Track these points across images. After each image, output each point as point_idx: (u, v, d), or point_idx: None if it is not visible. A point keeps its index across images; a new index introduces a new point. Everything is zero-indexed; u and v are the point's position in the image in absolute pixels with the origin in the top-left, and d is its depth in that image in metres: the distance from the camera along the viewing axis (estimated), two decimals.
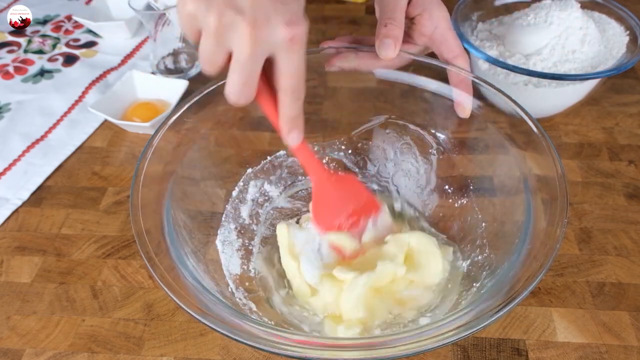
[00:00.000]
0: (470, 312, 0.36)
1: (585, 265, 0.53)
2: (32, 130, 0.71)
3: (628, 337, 0.47)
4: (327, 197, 0.48)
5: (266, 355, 0.47)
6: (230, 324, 0.35)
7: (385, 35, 0.48)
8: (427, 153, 0.55)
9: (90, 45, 0.86)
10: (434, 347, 0.33)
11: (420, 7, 0.50)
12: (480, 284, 0.43)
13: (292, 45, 0.35)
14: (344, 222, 0.49)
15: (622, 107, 0.71)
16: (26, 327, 0.49)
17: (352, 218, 0.49)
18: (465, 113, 0.49)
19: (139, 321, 0.49)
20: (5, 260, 0.55)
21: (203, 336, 0.48)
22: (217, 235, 0.50)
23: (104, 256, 0.55)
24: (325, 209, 0.49)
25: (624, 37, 0.66)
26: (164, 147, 0.45)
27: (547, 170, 0.42)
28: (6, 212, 0.60)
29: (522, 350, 0.46)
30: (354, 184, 0.50)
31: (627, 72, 0.63)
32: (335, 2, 0.94)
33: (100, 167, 0.65)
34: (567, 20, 0.63)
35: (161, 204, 0.43)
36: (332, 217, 0.49)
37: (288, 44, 0.35)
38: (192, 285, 0.37)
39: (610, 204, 0.59)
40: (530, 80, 0.62)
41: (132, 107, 0.71)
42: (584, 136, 0.67)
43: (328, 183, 0.48)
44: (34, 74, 0.80)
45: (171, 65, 0.78)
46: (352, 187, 0.50)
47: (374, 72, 0.52)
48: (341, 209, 0.49)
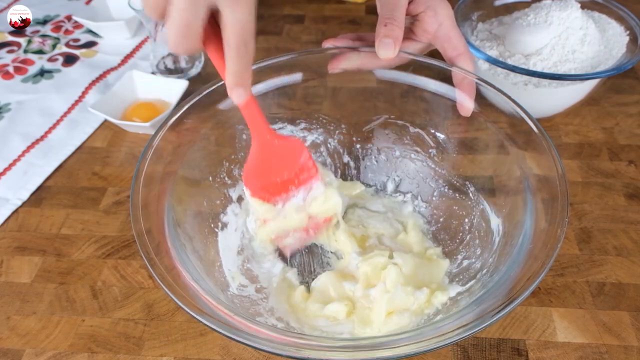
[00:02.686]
0: (471, 312, 0.36)
1: (585, 265, 0.53)
2: (32, 130, 0.71)
3: (628, 337, 0.47)
4: (264, 160, 0.47)
5: (266, 355, 0.47)
6: (230, 324, 0.35)
7: (385, 35, 0.47)
8: (427, 153, 0.55)
9: (90, 45, 0.86)
10: (434, 348, 0.33)
11: (424, 5, 0.50)
12: (479, 283, 0.43)
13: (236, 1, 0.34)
14: (274, 187, 0.48)
15: (622, 107, 0.71)
16: (26, 327, 0.49)
17: (284, 184, 0.48)
18: (467, 112, 0.49)
19: (139, 321, 0.49)
20: (5, 260, 0.55)
21: (203, 336, 0.48)
22: (217, 235, 0.50)
23: (104, 256, 0.55)
24: (257, 172, 0.48)
25: (624, 37, 0.66)
26: (164, 147, 0.45)
27: (547, 170, 0.42)
28: (6, 212, 0.60)
29: (522, 350, 0.46)
30: (295, 148, 0.48)
31: (627, 72, 0.63)
32: (335, 2, 0.94)
33: (100, 167, 0.65)
34: (567, 20, 0.62)
35: (161, 204, 0.43)
36: (263, 181, 0.48)
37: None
38: (192, 286, 0.37)
39: (610, 204, 0.59)
40: (530, 80, 0.62)
41: (132, 107, 0.71)
42: (584, 136, 0.67)
43: (269, 145, 0.46)
44: (34, 74, 0.80)
45: (171, 65, 0.78)
46: (292, 151, 0.48)
47: (374, 72, 0.52)
48: (274, 173, 0.48)
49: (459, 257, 0.49)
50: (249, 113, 0.44)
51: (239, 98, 0.40)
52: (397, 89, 0.53)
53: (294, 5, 0.93)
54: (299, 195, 0.49)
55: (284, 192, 0.49)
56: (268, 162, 0.47)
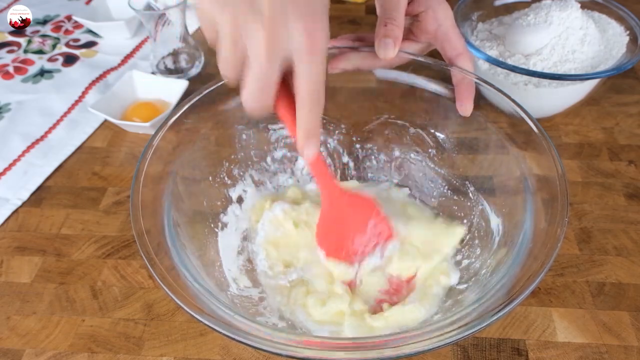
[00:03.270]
0: (471, 312, 0.36)
1: (585, 265, 0.53)
2: (32, 130, 0.71)
3: (628, 337, 0.47)
4: (336, 218, 0.46)
5: (266, 355, 0.47)
6: (230, 324, 0.35)
7: (385, 35, 0.47)
8: (427, 153, 0.55)
9: (90, 45, 0.86)
10: (434, 347, 0.33)
11: (423, 5, 0.50)
12: (479, 283, 0.43)
13: (311, 52, 0.33)
14: (349, 247, 0.46)
15: (622, 107, 0.71)
16: (26, 327, 0.49)
17: (359, 243, 0.47)
18: (467, 112, 0.49)
19: (139, 321, 0.49)
20: (5, 260, 0.55)
21: (203, 336, 0.48)
22: (218, 235, 0.50)
23: (104, 256, 0.55)
24: (331, 231, 0.46)
25: (624, 37, 0.66)
26: (164, 147, 0.45)
27: (547, 170, 0.42)
28: (6, 212, 0.60)
29: (522, 350, 0.46)
30: (367, 205, 0.47)
31: (627, 72, 0.63)
32: (335, 2, 0.94)
33: (100, 167, 0.65)
34: (567, 20, 0.63)
35: (161, 204, 0.43)
36: (337, 241, 0.46)
37: (307, 51, 0.32)
38: (192, 285, 0.37)
39: (610, 204, 0.59)
40: (530, 80, 0.62)
41: (132, 107, 0.71)
42: (584, 136, 0.67)
43: (339, 202, 0.45)
44: (34, 74, 0.80)
45: (171, 65, 0.78)
46: (364, 209, 0.47)
47: (374, 72, 0.52)
48: (348, 233, 0.46)
49: (458, 256, 0.49)
50: (318, 169, 0.43)
51: (310, 154, 0.38)
52: (397, 89, 0.53)
53: None
54: (375, 253, 0.47)
55: (359, 250, 0.47)
56: (339, 220, 0.46)
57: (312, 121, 0.36)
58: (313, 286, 0.48)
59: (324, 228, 0.47)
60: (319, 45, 0.33)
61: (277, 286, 0.49)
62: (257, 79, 0.33)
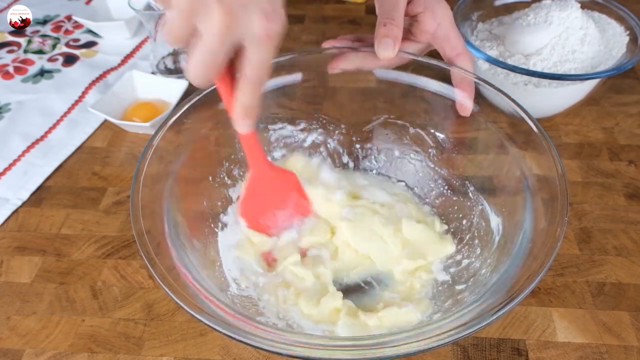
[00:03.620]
0: (471, 311, 0.36)
1: (585, 265, 0.53)
2: (32, 130, 0.71)
3: (628, 337, 0.47)
4: (260, 192, 0.48)
5: (266, 355, 0.47)
6: (231, 323, 0.35)
7: (385, 35, 0.48)
8: (427, 153, 0.55)
9: (90, 45, 0.86)
10: (434, 347, 0.33)
11: (422, 5, 0.50)
12: (478, 283, 0.43)
13: (265, 40, 0.34)
14: (269, 219, 0.50)
15: (622, 107, 0.71)
16: (26, 327, 0.49)
17: (279, 216, 0.50)
18: (467, 112, 0.49)
19: (139, 321, 0.49)
20: (5, 260, 0.55)
21: (203, 336, 0.48)
22: (218, 235, 0.50)
23: (104, 256, 0.55)
24: (254, 204, 0.49)
25: (624, 37, 0.66)
26: (164, 147, 0.45)
27: (547, 170, 0.42)
28: (6, 212, 0.60)
29: (522, 350, 0.46)
30: (290, 180, 0.50)
31: (627, 72, 0.63)
32: (335, 2, 0.94)
33: (100, 167, 0.65)
34: (567, 20, 0.63)
35: (161, 204, 0.43)
36: (259, 213, 0.49)
37: (261, 38, 0.34)
38: (192, 285, 0.37)
39: (610, 204, 0.59)
40: (530, 80, 0.62)
41: (132, 107, 0.71)
42: (584, 136, 0.67)
43: (266, 178, 0.48)
44: (34, 74, 0.80)
45: (171, 65, 0.78)
46: (287, 183, 0.50)
47: (373, 72, 0.52)
48: (270, 206, 0.49)
49: (458, 256, 0.49)
50: (249, 144, 0.45)
51: (245, 129, 0.40)
52: (397, 89, 0.53)
53: (294, 5, 0.93)
54: (292, 227, 0.51)
55: (279, 223, 0.50)
56: (264, 193, 0.49)
57: (253, 100, 0.38)
58: (298, 285, 0.48)
59: (248, 200, 0.49)
60: (273, 34, 0.35)
61: (265, 286, 0.49)
62: (204, 54, 0.34)
